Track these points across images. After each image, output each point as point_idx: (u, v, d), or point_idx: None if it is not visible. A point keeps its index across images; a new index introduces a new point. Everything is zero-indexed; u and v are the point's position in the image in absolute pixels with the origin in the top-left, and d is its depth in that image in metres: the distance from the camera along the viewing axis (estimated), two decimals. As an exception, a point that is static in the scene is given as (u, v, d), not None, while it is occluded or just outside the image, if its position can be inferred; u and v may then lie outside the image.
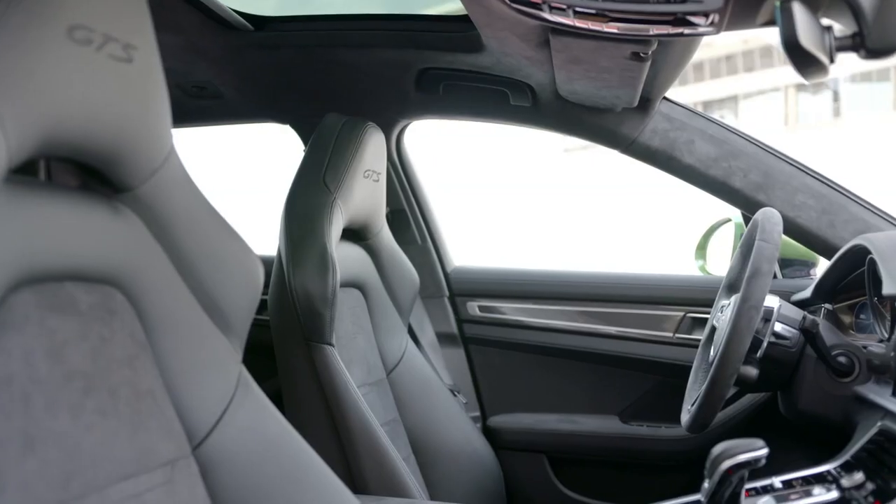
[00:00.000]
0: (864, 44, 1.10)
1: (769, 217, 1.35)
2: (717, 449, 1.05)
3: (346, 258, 1.63)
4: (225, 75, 1.86)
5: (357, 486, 1.42)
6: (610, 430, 1.94)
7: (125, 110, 0.77)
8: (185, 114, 2.03)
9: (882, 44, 1.13)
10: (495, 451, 1.91)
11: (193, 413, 0.87)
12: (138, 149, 0.81)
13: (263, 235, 1.98)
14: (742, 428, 1.76)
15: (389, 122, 1.92)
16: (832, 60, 1.16)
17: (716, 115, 1.83)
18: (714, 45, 29.09)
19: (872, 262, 1.33)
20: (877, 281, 1.27)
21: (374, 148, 1.65)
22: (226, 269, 0.93)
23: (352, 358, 1.59)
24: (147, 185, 0.84)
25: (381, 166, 1.71)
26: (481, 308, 2.08)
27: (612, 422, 1.96)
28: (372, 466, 1.41)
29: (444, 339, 2.06)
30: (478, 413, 2.04)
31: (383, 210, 1.76)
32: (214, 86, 1.89)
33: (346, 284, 1.64)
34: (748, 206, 1.74)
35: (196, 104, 1.98)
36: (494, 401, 2.05)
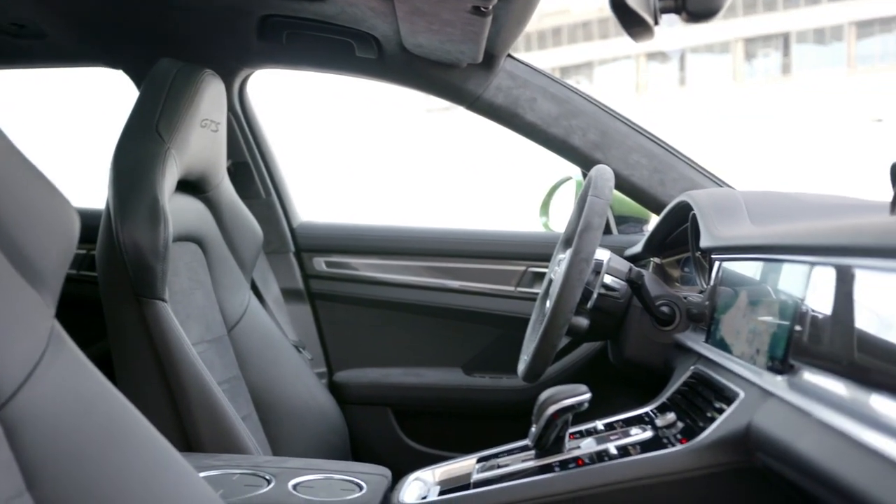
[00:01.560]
0: (686, 6, 1.15)
1: (601, 174, 1.40)
2: (544, 395, 1.09)
3: (183, 211, 1.56)
4: (48, 13, 1.72)
5: (192, 445, 1.38)
6: (453, 382, 1.98)
7: None
8: (3, 54, 1.87)
9: (702, 7, 1.18)
10: (341, 406, 1.91)
11: None
12: None
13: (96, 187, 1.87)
14: (577, 377, 1.84)
15: (230, 70, 1.85)
16: (657, 21, 1.20)
17: (572, 81, 1.88)
18: (571, 11, 29.83)
19: (694, 218, 1.42)
20: (698, 235, 1.35)
21: (212, 96, 1.58)
22: (34, 218, 0.87)
23: (189, 314, 1.54)
24: None
25: (221, 116, 1.64)
26: (328, 264, 2.06)
27: (456, 374, 2.00)
28: (207, 424, 1.37)
29: (289, 295, 2.02)
30: (324, 369, 2.03)
31: (223, 162, 1.69)
32: (36, 25, 1.75)
33: (183, 238, 1.58)
34: (586, 164, 1.80)
35: (15, 44, 1.82)
36: (341, 356, 2.04)
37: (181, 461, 0.97)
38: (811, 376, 0.85)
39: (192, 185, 1.63)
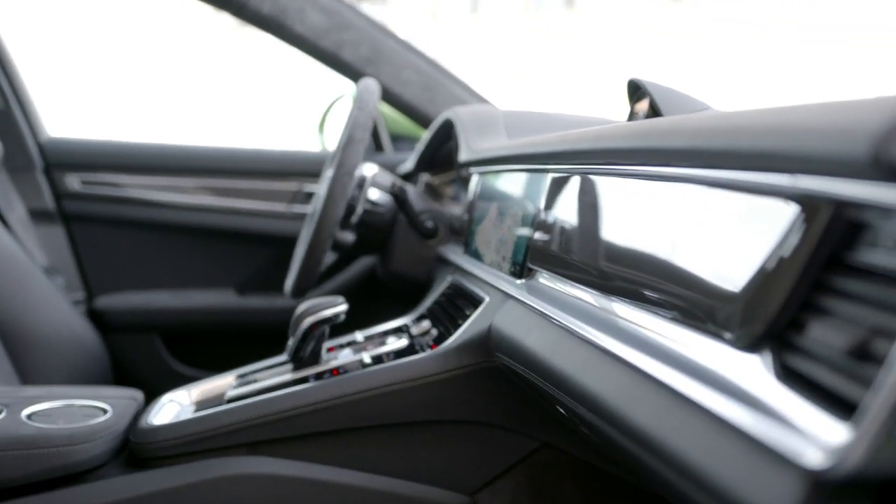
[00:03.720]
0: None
1: (366, 87, 1.38)
2: (301, 308, 1.08)
3: None
4: None
5: (-86, 380, 1.24)
6: (226, 303, 1.92)
7: None
8: None
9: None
10: (104, 333, 1.79)
11: None
12: None
13: None
14: (349, 293, 1.85)
15: None
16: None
17: (366, 6, 1.82)
18: (367, -70, 29.06)
19: (457, 134, 1.44)
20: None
21: None
22: None
23: None
24: None
25: None
26: (84, 182, 1.90)
27: (229, 296, 1.94)
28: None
29: (38, 216, 1.85)
30: (82, 295, 1.89)
31: None
32: None
33: None
34: (358, 80, 1.77)
35: None
36: (101, 281, 1.91)
37: None
38: (545, 279, 0.90)
39: None
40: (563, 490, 1.06)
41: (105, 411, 1.05)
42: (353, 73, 1.78)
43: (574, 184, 0.83)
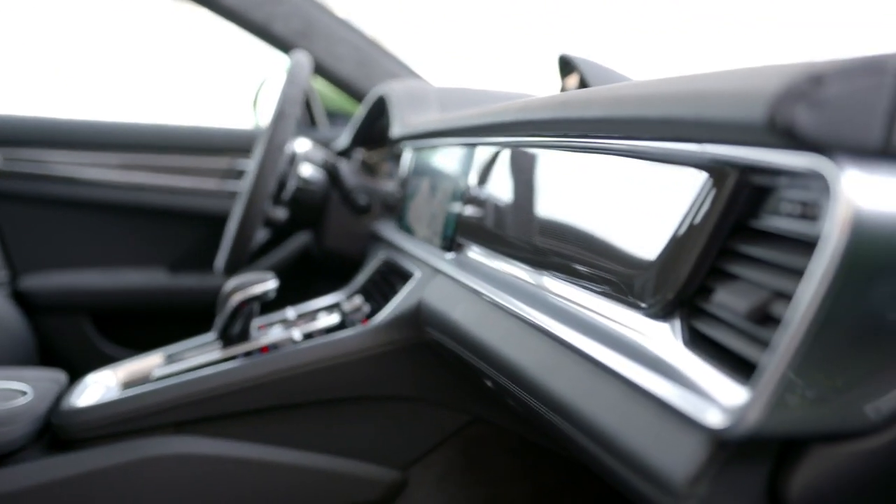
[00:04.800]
0: None
1: (297, 62, 1.35)
2: (230, 285, 1.06)
3: None
4: None
5: None
6: (158, 283, 1.88)
7: None
8: None
9: None
10: (30, 315, 1.73)
11: None
12: None
13: None
14: (285, 271, 1.83)
15: None
16: None
17: None
18: None
19: (390, 109, 1.43)
20: (396, 127, 1.37)
21: None
22: None
23: None
24: None
25: None
26: (7, 159, 1.83)
27: (160, 275, 1.90)
28: None
29: None
30: (5, 275, 1.82)
31: None
32: None
33: None
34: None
35: None
36: (26, 261, 1.84)
37: None
38: (473, 253, 0.90)
39: None
40: (495, 463, 1.07)
41: (24, 393, 1.01)
42: (286, 47, 1.75)
43: (500, 157, 0.83)
